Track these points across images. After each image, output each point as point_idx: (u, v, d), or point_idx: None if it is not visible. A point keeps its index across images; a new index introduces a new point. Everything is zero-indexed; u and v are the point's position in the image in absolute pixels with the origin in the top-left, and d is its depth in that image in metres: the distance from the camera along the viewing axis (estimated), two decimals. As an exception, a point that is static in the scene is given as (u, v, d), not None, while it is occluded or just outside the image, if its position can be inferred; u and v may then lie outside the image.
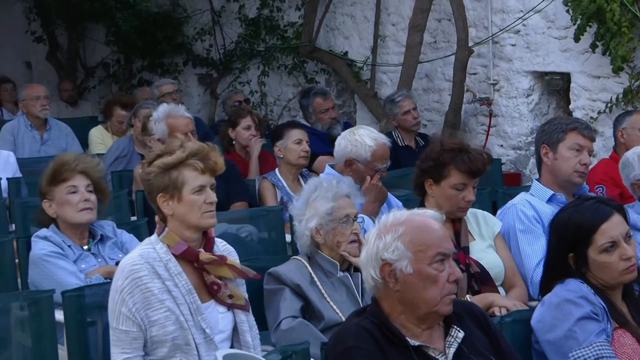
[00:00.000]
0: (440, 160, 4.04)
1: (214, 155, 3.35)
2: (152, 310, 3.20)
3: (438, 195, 4.06)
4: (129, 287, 3.21)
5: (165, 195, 3.30)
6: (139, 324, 3.20)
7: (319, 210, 3.86)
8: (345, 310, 3.69)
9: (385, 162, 4.85)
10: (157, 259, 3.25)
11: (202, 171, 3.30)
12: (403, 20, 8.35)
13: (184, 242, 3.28)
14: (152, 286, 3.21)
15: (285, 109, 9.78)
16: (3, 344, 3.66)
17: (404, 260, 2.79)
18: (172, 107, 5.87)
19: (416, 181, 4.21)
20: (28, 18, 11.93)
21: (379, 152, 4.81)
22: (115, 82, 11.43)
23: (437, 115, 8.20)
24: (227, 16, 10.22)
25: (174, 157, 3.28)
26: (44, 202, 4.27)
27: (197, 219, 3.30)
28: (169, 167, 3.28)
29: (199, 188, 3.30)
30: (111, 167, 6.56)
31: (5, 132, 7.53)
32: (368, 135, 4.86)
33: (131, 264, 3.24)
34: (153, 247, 3.29)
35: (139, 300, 3.20)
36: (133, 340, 3.21)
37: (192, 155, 3.30)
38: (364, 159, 4.77)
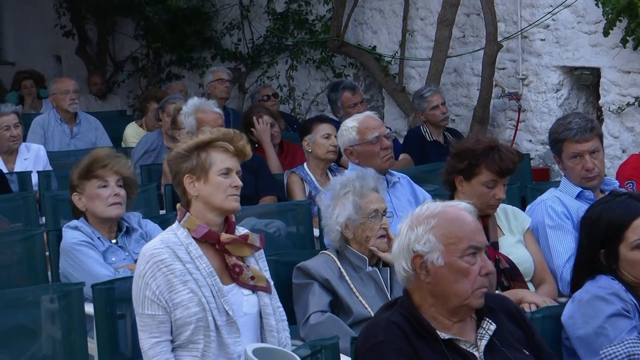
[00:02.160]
0: (471, 158, 4.03)
1: (242, 142, 3.39)
2: (175, 293, 3.22)
3: (468, 192, 4.04)
4: (151, 271, 3.23)
5: (192, 177, 3.32)
6: (164, 307, 3.22)
7: (348, 205, 3.86)
8: (374, 305, 3.69)
9: (377, 131, 4.88)
10: (178, 243, 3.28)
11: (230, 154, 3.34)
12: (432, 15, 8.31)
13: (205, 225, 3.30)
14: (174, 268, 3.23)
15: (313, 103, 9.78)
16: (33, 336, 3.69)
17: (436, 253, 2.78)
18: (202, 101, 5.90)
19: (446, 177, 4.20)
20: (58, 12, 12.00)
21: (363, 126, 4.91)
22: (144, 76, 11.48)
23: (465, 110, 8.17)
24: (256, 10, 10.23)
25: (203, 137, 3.33)
26: (73, 195, 4.31)
27: (222, 201, 3.32)
28: (198, 147, 3.32)
29: (226, 170, 3.33)
30: (140, 160, 6.60)
31: (36, 125, 7.59)
32: (350, 119, 5.04)
33: (152, 249, 3.28)
34: (174, 233, 3.32)
35: (162, 282, 3.22)
36: (160, 324, 3.23)
37: (221, 137, 3.34)
38: (354, 139, 4.90)
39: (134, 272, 4.03)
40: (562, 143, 4.29)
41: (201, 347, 3.21)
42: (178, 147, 3.38)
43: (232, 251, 3.34)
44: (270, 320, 3.37)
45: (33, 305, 3.70)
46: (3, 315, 3.65)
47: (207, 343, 3.22)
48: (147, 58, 11.49)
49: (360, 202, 3.87)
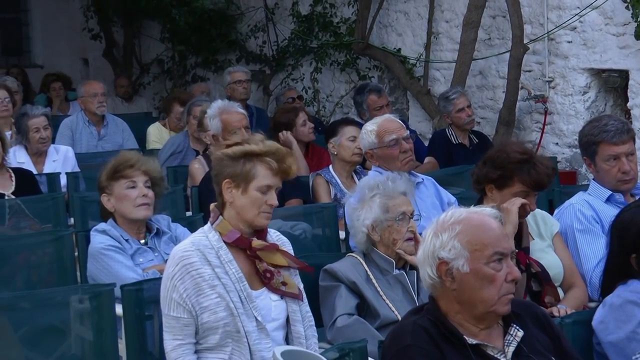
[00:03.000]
0: (505, 170, 3.98)
1: (290, 161, 3.37)
2: (203, 297, 3.24)
3: (499, 201, 3.98)
4: (180, 274, 3.25)
5: (231, 183, 3.33)
6: (190, 310, 3.24)
7: (375, 208, 3.87)
8: (401, 308, 3.69)
9: (395, 134, 4.88)
10: (209, 246, 3.29)
11: (274, 172, 3.32)
12: (457, 17, 8.30)
13: (236, 231, 3.32)
14: (203, 272, 3.25)
15: (337, 106, 9.79)
16: (62, 336, 3.73)
17: (461, 259, 2.77)
18: (226, 103, 5.92)
19: (478, 184, 4.14)
20: (85, 15, 12.10)
21: (381, 130, 4.93)
22: (170, 79, 11.55)
23: (491, 113, 8.14)
24: (281, 13, 10.26)
25: (254, 148, 3.31)
26: (102, 196, 4.34)
27: (253, 217, 3.33)
28: (246, 156, 3.31)
29: (266, 188, 3.32)
30: (166, 162, 6.64)
31: (64, 127, 7.66)
32: (370, 122, 5.07)
33: (182, 251, 3.29)
34: (205, 236, 3.33)
35: (190, 286, 3.24)
36: (184, 327, 3.25)
37: (270, 153, 3.33)
38: (373, 143, 4.93)
39: (162, 273, 4.10)
40: (598, 145, 4.24)
41: (229, 351, 3.23)
42: (227, 149, 3.36)
43: (264, 257, 3.35)
44: (297, 327, 3.39)
45: (62, 306, 3.74)
46: (33, 315, 3.69)
47: (235, 348, 3.24)
48: (173, 60, 11.55)
49: (388, 203, 3.88)
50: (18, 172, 5.76)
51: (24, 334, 3.69)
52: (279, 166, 3.33)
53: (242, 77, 8.54)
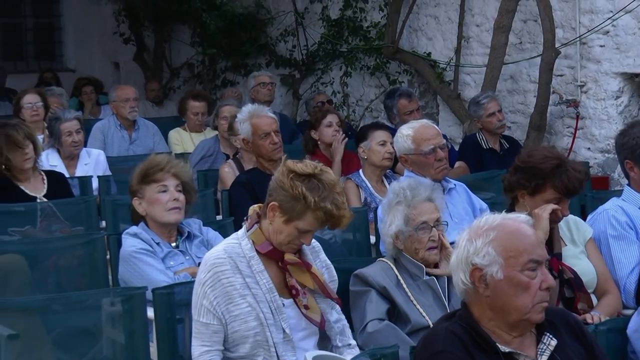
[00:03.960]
0: (538, 177, 3.95)
1: (344, 222, 3.29)
2: (234, 305, 3.24)
3: (531, 206, 3.95)
4: (211, 281, 3.25)
5: (279, 209, 3.28)
6: (219, 318, 3.24)
7: (397, 216, 3.85)
8: (432, 314, 3.68)
9: (431, 143, 4.84)
10: (241, 254, 3.29)
11: (320, 224, 3.27)
12: (487, 21, 8.27)
13: (269, 243, 3.31)
14: (233, 281, 3.25)
15: (367, 110, 9.78)
16: (93, 339, 3.76)
17: (495, 266, 2.75)
18: (256, 107, 5.93)
19: (510, 191, 4.11)
20: (117, 20, 12.19)
21: (418, 136, 4.87)
22: (200, 82, 11.59)
23: (521, 117, 8.10)
24: (310, 17, 10.27)
25: (321, 203, 3.22)
26: (134, 199, 4.36)
27: (281, 245, 3.32)
28: (304, 199, 3.24)
29: (306, 232, 3.30)
30: (197, 166, 6.66)
31: (96, 131, 7.71)
32: (407, 127, 4.98)
33: (215, 257, 3.29)
34: (239, 243, 3.32)
35: (220, 294, 3.24)
36: (213, 334, 3.25)
37: (327, 212, 3.23)
38: (409, 149, 4.88)
39: (193, 276, 4.11)
40: None
41: None
42: (292, 180, 3.24)
43: (293, 273, 3.33)
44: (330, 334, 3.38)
45: (94, 309, 3.77)
46: (65, 318, 3.73)
47: (267, 358, 3.24)
48: (203, 64, 11.60)
49: (409, 213, 3.85)
50: (50, 175, 5.80)
51: (57, 336, 3.73)
52: (329, 223, 3.28)
53: (266, 79, 8.57)
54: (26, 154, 5.53)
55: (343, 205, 3.26)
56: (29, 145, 5.55)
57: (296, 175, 3.26)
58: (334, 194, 3.24)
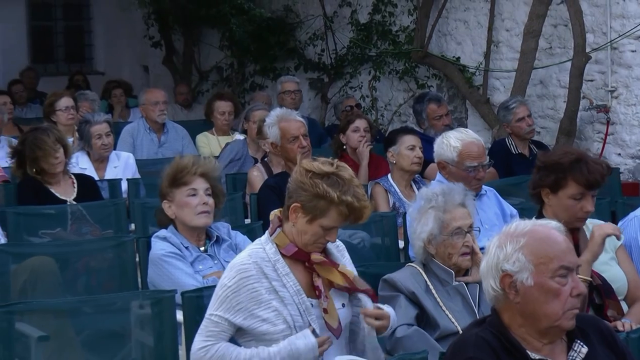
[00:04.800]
0: (558, 171, 3.96)
1: (365, 214, 3.31)
2: (261, 310, 3.25)
3: (555, 205, 3.97)
4: (236, 287, 3.26)
5: (301, 210, 3.29)
6: (233, 323, 3.26)
7: (430, 221, 3.84)
8: (461, 320, 3.66)
9: (475, 161, 4.82)
10: (266, 259, 3.29)
11: (344, 218, 3.28)
12: (517, 26, 8.23)
13: (293, 245, 3.32)
14: (259, 286, 3.26)
15: (395, 114, 9.76)
16: (122, 341, 3.78)
17: (525, 272, 2.73)
18: (284, 111, 5.94)
19: (533, 190, 4.13)
20: (146, 23, 12.27)
21: (465, 152, 4.83)
22: (228, 86, 11.63)
23: (551, 123, 8.05)
24: (339, 21, 10.28)
25: (342, 196, 3.24)
26: (164, 202, 4.37)
27: (307, 245, 3.32)
28: (325, 197, 3.26)
29: (330, 228, 3.30)
30: (225, 170, 6.67)
31: (126, 134, 7.75)
32: (455, 136, 4.92)
33: (240, 264, 3.30)
34: (262, 247, 3.33)
35: (244, 299, 3.25)
36: (221, 332, 3.28)
37: (350, 206, 3.25)
38: (452, 160, 4.85)
39: (221, 280, 4.12)
40: None
41: None
42: (312, 179, 3.26)
43: (320, 272, 3.34)
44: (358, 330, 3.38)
45: (123, 311, 3.79)
46: (95, 320, 3.75)
47: None
48: (232, 68, 11.64)
49: (443, 218, 3.84)
50: (80, 178, 5.85)
51: (86, 338, 3.75)
52: (355, 216, 3.29)
53: (291, 87, 8.58)
54: (57, 158, 5.57)
55: (364, 197, 3.31)
56: (60, 149, 5.60)
57: (314, 174, 3.28)
58: (353, 187, 3.27)
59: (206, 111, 8.35)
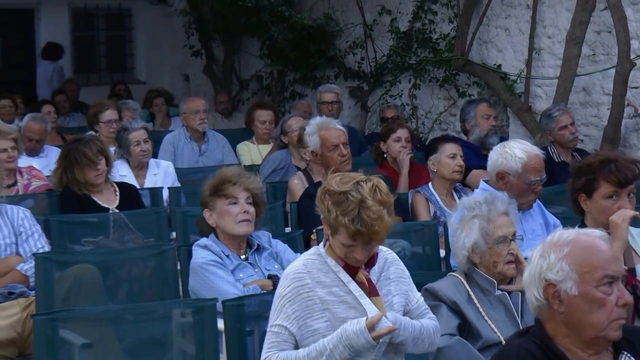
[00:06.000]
0: (588, 173, 3.94)
1: (375, 239, 3.24)
2: (313, 320, 3.25)
3: (593, 209, 3.94)
4: (291, 295, 3.26)
5: (325, 223, 3.30)
6: (293, 332, 3.26)
7: (474, 230, 3.81)
8: (504, 330, 3.63)
9: (538, 175, 4.77)
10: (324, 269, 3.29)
11: (353, 237, 3.22)
12: (560, 33, 8.16)
13: (341, 260, 3.31)
14: (313, 295, 3.26)
15: (436, 122, 9.72)
16: (164, 349, 3.79)
17: (569, 282, 2.69)
18: (324, 119, 5.94)
19: (572, 199, 4.10)
20: (187, 33, 12.36)
21: (530, 164, 4.76)
22: (268, 95, 11.67)
23: (594, 130, 7.96)
24: (379, 29, 10.27)
25: (336, 212, 3.20)
26: (205, 211, 4.40)
27: (344, 257, 3.31)
28: (328, 213, 3.24)
29: (350, 246, 3.26)
30: (267, 179, 6.68)
31: (167, 143, 7.79)
32: (519, 147, 4.83)
33: (294, 272, 3.30)
34: (319, 257, 3.33)
35: (300, 308, 3.25)
36: (282, 342, 3.27)
37: (351, 229, 3.19)
38: (515, 171, 4.75)
39: (262, 288, 4.13)
40: None
41: None
42: (323, 195, 3.25)
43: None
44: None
45: (165, 319, 3.80)
46: (137, 327, 3.78)
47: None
48: (271, 77, 11.68)
49: (487, 227, 3.80)
50: (122, 186, 5.89)
51: (128, 346, 3.77)
52: (358, 237, 3.21)
53: (329, 98, 8.59)
54: (98, 169, 5.62)
55: (376, 219, 3.19)
56: (102, 160, 5.65)
57: (327, 190, 3.27)
58: (363, 209, 3.18)
59: (246, 120, 8.38)
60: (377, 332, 3.17)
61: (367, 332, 3.16)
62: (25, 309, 4.55)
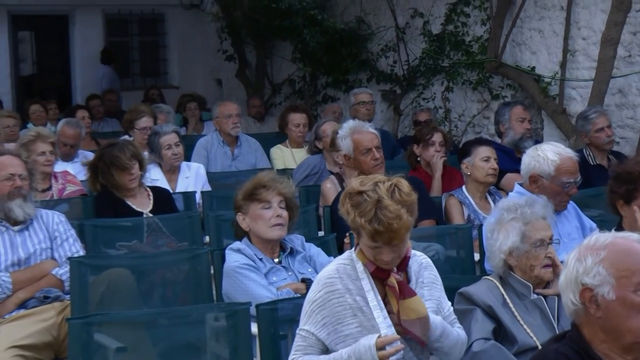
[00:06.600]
0: (628, 182, 3.89)
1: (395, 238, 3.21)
2: (344, 325, 3.25)
3: (629, 215, 3.92)
4: (321, 300, 3.27)
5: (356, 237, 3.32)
6: (320, 337, 3.26)
7: (512, 232, 3.78)
8: (540, 334, 3.59)
9: (572, 177, 4.72)
10: (353, 276, 3.29)
11: (373, 239, 3.21)
12: (594, 34, 8.07)
13: (372, 263, 3.30)
14: (343, 301, 3.26)
15: (469, 125, 9.66)
16: (198, 353, 3.80)
17: (606, 286, 2.66)
18: (357, 123, 5.93)
19: (610, 202, 4.07)
20: (220, 37, 12.42)
21: (563, 167, 4.72)
22: (301, 98, 11.68)
23: (630, 133, 7.86)
24: (411, 32, 10.24)
25: (355, 214, 3.21)
26: (238, 215, 4.41)
27: (376, 263, 3.31)
28: (348, 215, 3.25)
29: (374, 248, 3.25)
30: (301, 183, 6.68)
31: (200, 147, 7.82)
32: (552, 150, 4.79)
33: (327, 277, 3.30)
34: (351, 262, 3.33)
35: (329, 314, 3.25)
36: (308, 346, 3.28)
37: (369, 229, 3.19)
38: (547, 174, 4.71)
39: (296, 292, 4.13)
40: None
41: None
42: (344, 197, 3.26)
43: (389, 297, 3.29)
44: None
45: (199, 323, 3.81)
46: (171, 331, 3.78)
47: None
48: (304, 80, 11.69)
49: (525, 230, 3.78)
50: (155, 190, 5.91)
51: (162, 350, 3.78)
52: (377, 238, 3.20)
53: (366, 98, 8.59)
54: (132, 174, 5.65)
55: (394, 219, 3.17)
56: (135, 164, 5.68)
57: (348, 192, 3.28)
58: (380, 210, 3.17)
59: (280, 123, 8.38)
60: (384, 352, 3.16)
61: (374, 349, 3.15)
62: (60, 312, 4.59)
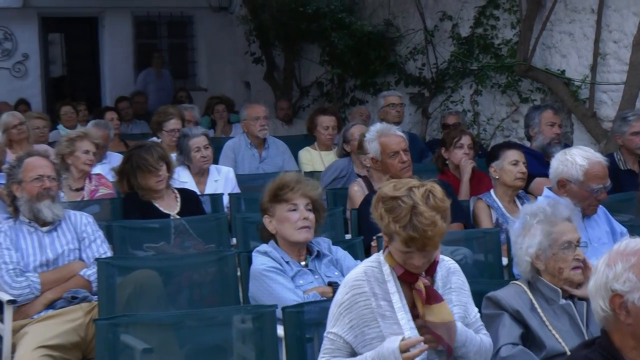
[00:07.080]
0: None
1: (430, 244, 3.19)
2: (370, 328, 3.24)
3: None
4: (349, 303, 3.26)
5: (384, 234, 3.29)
6: (348, 340, 3.24)
7: (538, 235, 3.75)
8: (569, 340, 3.56)
9: (601, 182, 4.67)
10: (380, 279, 3.28)
11: (407, 245, 3.19)
12: (626, 37, 7.99)
13: (400, 267, 3.29)
14: (370, 303, 3.25)
15: (498, 129, 9.60)
16: (224, 355, 3.81)
17: (636, 293, 2.64)
18: (384, 125, 5.92)
19: (638, 207, 4.01)
20: (248, 40, 12.44)
21: (592, 172, 4.67)
22: (329, 101, 11.67)
23: (661, 137, 7.76)
24: (440, 35, 10.20)
25: (389, 219, 3.20)
26: (264, 217, 4.40)
27: (405, 267, 3.29)
28: (381, 220, 3.24)
29: (406, 252, 3.24)
30: (329, 186, 6.66)
31: (227, 149, 7.83)
32: (580, 154, 4.75)
33: (354, 279, 3.29)
34: (378, 265, 3.32)
35: (356, 316, 3.24)
36: (336, 350, 3.27)
37: (404, 235, 3.18)
38: (576, 179, 4.68)
39: (322, 295, 4.12)
40: None
41: None
42: (377, 202, 3.24)
43: (415, 301, 3.28)
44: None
45: (225, 325, 3.81)
46: (197, 333, 3.78)
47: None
48: (332, 83, 11.68)
49: (551, 232, 3.74)
50: (183, 192, 5.93)
51: (189, 351, 3.79)
52: (411, 244, 3.19)
53: (395, 100, 8.58)
54: (159, 176, 5.67)
55: (429, 225, 3.15)
56: (162, 166, 5.70)
57: (380, 196, 3.26)
58: (415, 215, 3.15)
59: (309, 126, 8.38)
60: (408, 354, 3.13)
61: (398, 352, 3.13)
62: (88, 313, 4.61)
